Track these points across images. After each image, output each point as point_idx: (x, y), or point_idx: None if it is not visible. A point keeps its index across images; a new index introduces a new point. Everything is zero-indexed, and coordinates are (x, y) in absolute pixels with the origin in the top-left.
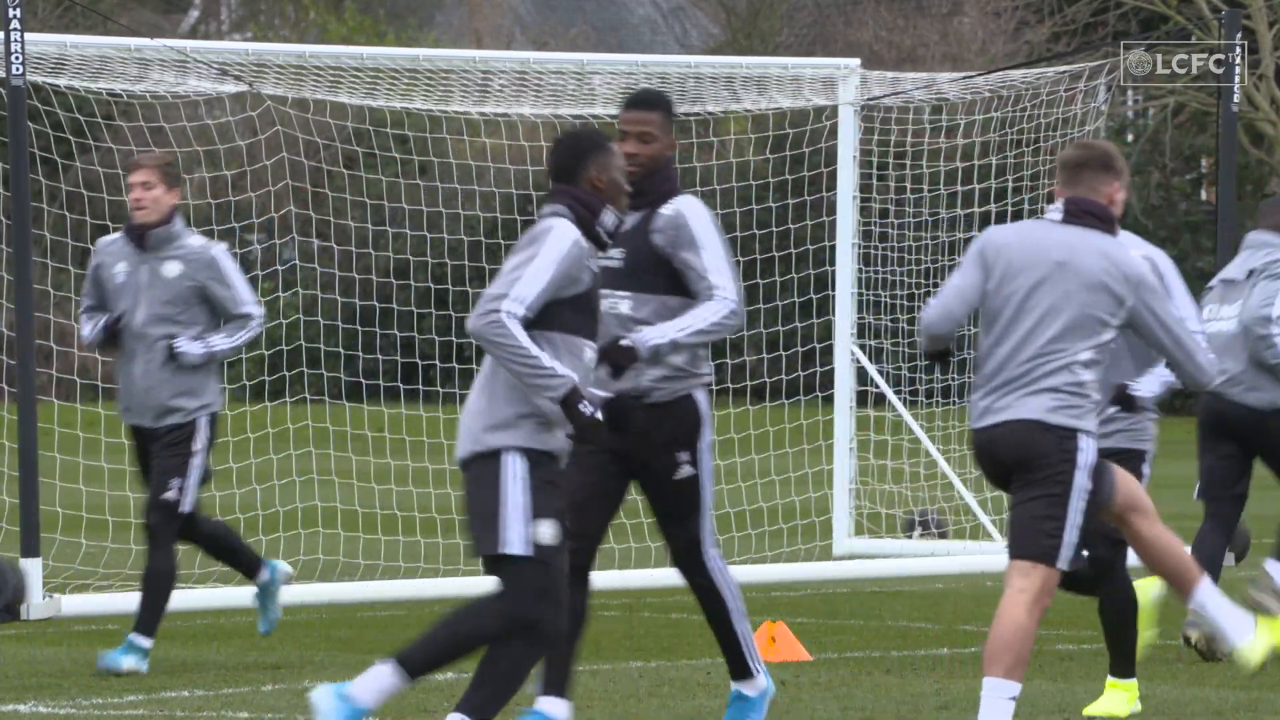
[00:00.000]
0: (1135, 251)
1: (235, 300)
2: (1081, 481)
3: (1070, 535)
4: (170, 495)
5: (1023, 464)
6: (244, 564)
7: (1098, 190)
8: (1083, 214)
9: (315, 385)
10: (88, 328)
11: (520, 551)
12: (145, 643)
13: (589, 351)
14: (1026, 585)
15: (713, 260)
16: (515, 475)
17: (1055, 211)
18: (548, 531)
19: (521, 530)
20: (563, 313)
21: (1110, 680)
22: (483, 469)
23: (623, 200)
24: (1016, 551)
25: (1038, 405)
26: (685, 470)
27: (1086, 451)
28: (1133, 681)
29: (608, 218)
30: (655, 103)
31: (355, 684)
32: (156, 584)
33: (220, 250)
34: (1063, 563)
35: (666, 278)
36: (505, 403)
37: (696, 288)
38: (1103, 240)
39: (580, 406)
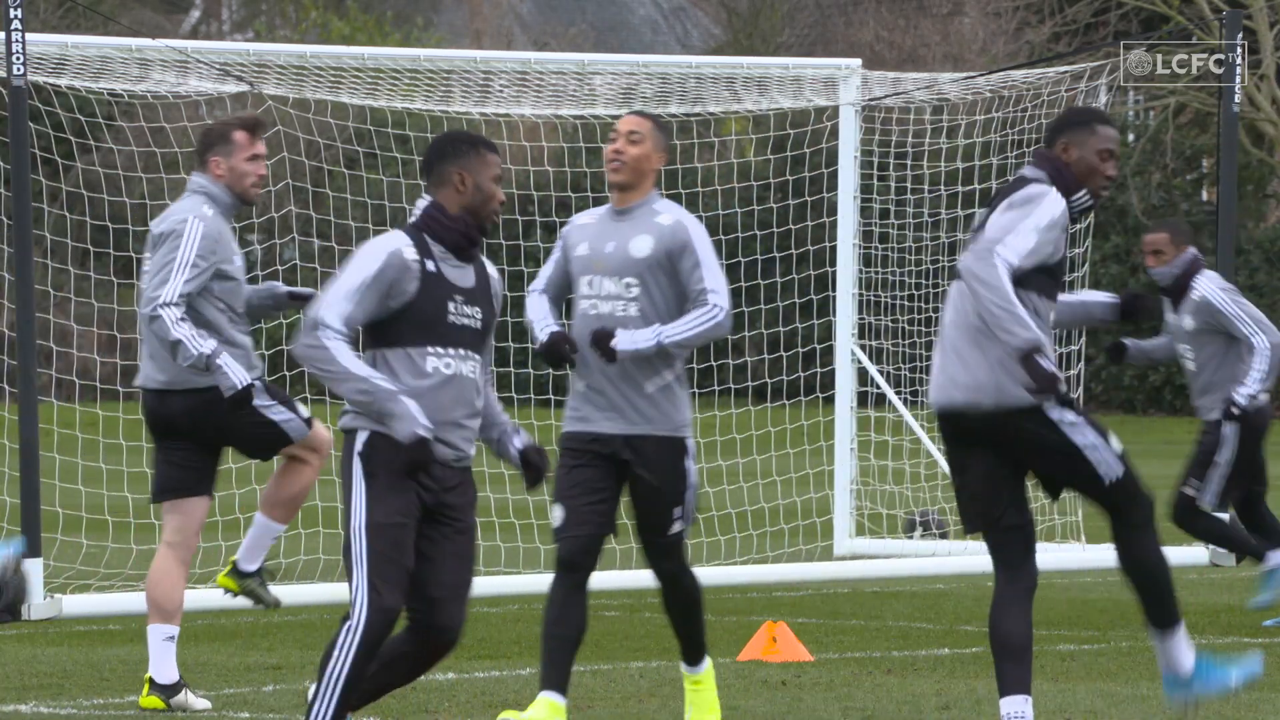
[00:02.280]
0: (665, 217)
1: None
2: None
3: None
4: None
5: None
6: None
7: None
8: None
9: (315, 385)
10: None
11: (1119, 476)
12: None
13: (1051, 316)
14: None
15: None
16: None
17: None
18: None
19: (1115, 461)
20: (1034, 277)
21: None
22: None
23: (1098, 187)
24: None
25: None
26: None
27: None
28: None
29: (1078, 200)
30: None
31: (1174, 663)
32: None
33: None
34: None
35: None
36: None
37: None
38: None
39: (1041, 361)
